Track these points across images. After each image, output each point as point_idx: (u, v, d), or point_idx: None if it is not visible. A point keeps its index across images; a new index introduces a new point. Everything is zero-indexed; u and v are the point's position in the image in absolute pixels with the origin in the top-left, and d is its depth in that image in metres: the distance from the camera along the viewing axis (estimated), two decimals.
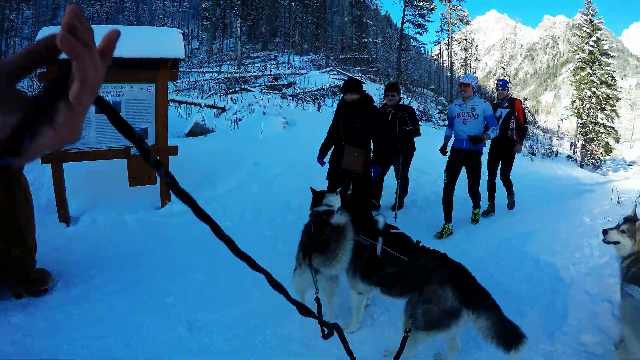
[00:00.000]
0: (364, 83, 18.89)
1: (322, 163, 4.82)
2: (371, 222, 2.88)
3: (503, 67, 51.64)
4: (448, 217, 5.17)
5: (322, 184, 5.02)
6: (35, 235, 3.45)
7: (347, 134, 4.59)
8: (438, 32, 37.84)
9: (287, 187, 6.06)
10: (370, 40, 34.19)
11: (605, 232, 2.78)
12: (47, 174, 5.04)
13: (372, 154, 4.72)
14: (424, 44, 46.52)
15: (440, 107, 19.25)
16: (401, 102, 5.81)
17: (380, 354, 2.73)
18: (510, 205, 6.33)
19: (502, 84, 6.01)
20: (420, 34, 32.31)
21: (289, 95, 14.65)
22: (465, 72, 47.27)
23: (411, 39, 33.01)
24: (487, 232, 5.19)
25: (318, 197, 3.41)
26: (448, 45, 36.84)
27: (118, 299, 3.26)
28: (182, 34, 5.26)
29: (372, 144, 4.75)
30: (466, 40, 39.05)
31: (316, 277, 2.75)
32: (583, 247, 4.20)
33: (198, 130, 8.99)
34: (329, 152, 4.86)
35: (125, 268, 3.78)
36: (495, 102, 6.04)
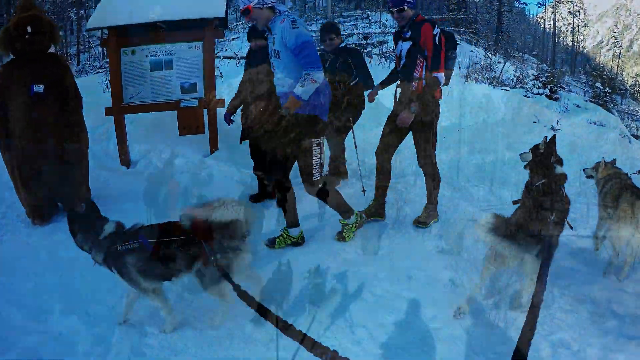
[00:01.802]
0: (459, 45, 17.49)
1: None
2: None
3: (614, 37, 44.12)
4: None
5: None
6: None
7: None
8: None
9: None
10: None
11: (584, 170, 3.62)
12: None
13: None
14: (525, 4, 41.83)
15: (535, 73, 17.27)
16: (344, 45, 4.52)
17: None
18: (423, 218, 3.78)
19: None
20: None
21: (375, 54, 14.30)
22: (573, 39, 40.55)
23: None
24: None
25: None
26: (553, 7, 32.68)
27: None
28: None
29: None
30: (572, 2, 34.24)
31: None
32: None
33: None
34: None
35: (154, 204, 4.31)
36: (396, 30, 3.78)
